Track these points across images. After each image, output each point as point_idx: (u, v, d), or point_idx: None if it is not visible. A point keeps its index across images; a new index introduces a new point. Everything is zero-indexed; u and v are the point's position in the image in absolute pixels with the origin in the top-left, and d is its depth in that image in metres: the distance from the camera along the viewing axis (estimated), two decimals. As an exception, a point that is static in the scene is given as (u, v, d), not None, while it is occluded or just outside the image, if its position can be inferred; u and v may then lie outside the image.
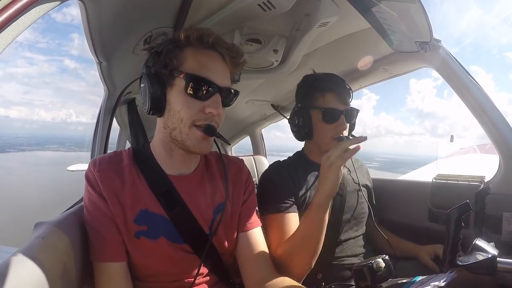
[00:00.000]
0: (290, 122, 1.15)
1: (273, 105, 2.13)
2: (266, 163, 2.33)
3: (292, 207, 1.01)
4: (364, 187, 1.17)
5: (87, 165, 0.76)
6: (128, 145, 1.73)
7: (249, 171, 0.91)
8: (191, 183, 0.79)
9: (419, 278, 0.80)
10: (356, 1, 0.93)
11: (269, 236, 0.93)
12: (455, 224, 0.70)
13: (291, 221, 0.98)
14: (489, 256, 0.70)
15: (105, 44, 1.00)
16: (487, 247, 0.72)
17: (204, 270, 0.79)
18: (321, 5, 1.04)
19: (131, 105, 1.42)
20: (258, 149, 2.64)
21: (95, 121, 1.50)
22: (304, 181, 1.07)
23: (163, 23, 1.02)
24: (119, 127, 1.79)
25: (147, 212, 0.73)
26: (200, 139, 0.72)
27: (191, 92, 0.70)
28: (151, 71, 0.72)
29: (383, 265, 0.66)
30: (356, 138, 0.88)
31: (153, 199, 0.74)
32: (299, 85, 1.16)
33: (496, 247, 0.74)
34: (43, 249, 0.61)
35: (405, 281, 0.77)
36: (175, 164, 0.78)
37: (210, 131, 0.72)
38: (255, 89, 1.90)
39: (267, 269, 0.81)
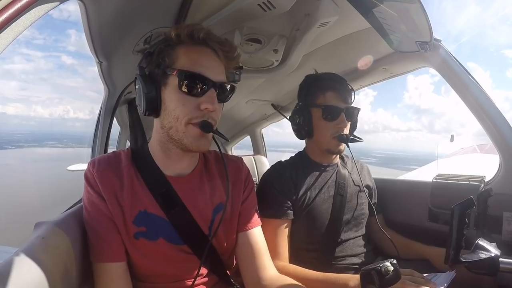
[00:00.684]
0: (291, 121, 1.16)
1: (273, 105, 2.13)
2: (266, 163, 2.33)
3: (288, 213, 1.02)
4: (366, 187, 1.17)
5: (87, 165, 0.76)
6: (128, 145, 1.73)
7: (248, 170, 0.91)
8: (189, 184, 0.79)
9: None
10: (356, 1, 0.93)
11: None
12: (459, 219, 0.70)
13: (281, 228, 1.01)
14: (492, 255, 0.70)
15: (105, 44, 1.00)
16: (489, 247, 0.72)
17: (203, 270, 0.79)
18: (321, 5, 1.04)
19: (132, 105, 1.42)
20: (258, 149, 2.64)
21: (95, 121, 1.50)
22: (305, 182, 1.07)
23: (163, 23, 1.02)
24: (119, 127, 1.79)
25: (146, 213, 0.73)
26: (197, 137, 0.71)
27: (185, 89, 0.69)
28: (144, 72, 0.72)
29: (391, 268, 0.66)
30: None
31: (152, 200, 0.74)
32: (301, 84, 1.16)
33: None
34: (43, 249, 0.61)
35: None
36: (173, 164, 0.78)
37: (206, 127, 0.70)
38: (255, 89, 1.89)
39: (267, 268, 0.81)
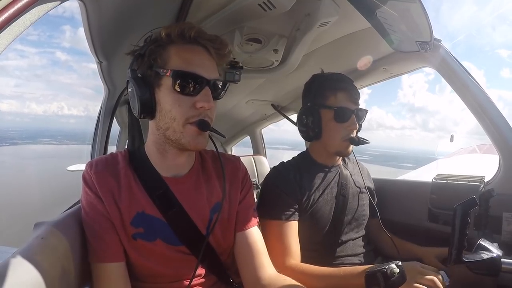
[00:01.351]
0: (298, 122, 1.14)
1: (273, 105, 2.13)
2: (266, 163, 2.33)
3: (294, 214, 1.01)
4: (366, 189, 1.17)
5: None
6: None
7: (246, 169, 0.90)
8: (186, 184, 0.78)
9: None
10: (356, 1, 0.93)
11: (268, 242, 0.93)
12: (461, 219, 0.70)
13: (292, 229, 0.99)
14: (494, 255, 0.70)
15: (105, 44, 1.00)
16: (491, 247, 0.72)
17: (202, 270, 0.79)
18: (321, 5, 1.04)
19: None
20: (258, 149, 2.64)
21: (95, 121, 1.50)
22: (308, 184, 1.06)
23: (163, 23, 1.02)
24: (119, 127, 1.79)
25: (144, 214, 0.73)
26: (195, 135, 0.71)
27: (180, 89, 0.68)
28: (136, 74, 0.71)
29: (397, 270, 0.65)
30: None
31: (149, 201, 0.74)
32: (307, 83, 1.14)
33: (496, 247, 0.74)
34: (42, 249, 0.61)
35: None
36: (169, 165, 0.78)
37: (203, 125, 0.70)
38: (255, 89, 1.90)
39: (266, 267, 0.81)
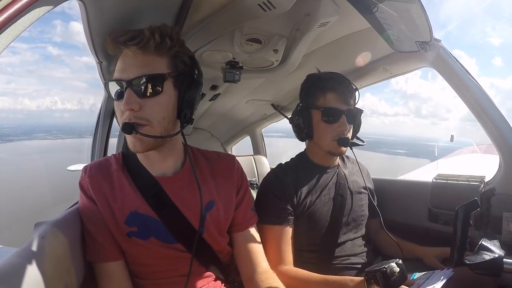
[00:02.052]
0: (291, 122, 1.14)
1: (273, 105, 2.13)
2: (266, 163, 2.33)
3: (288, 220, 1.01)
4: (365, 189, 1.16)
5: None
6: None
7: (242, 169, 0.91)
8: (179, 183, 0.80)
9: (417, 275, 0.80)
10: (356, 1, 0.93)
11: (264, 245, 0.92)
12: (463, 222, 0.70)
13: (285, 234, 1.00)
14: (496, 256, 0.70)
15: (105, 44, 1.00)
16: (493, 248, 0.72)
17: (201, 269, 0.80)
18: (321, 5, 1.03)
19: None
20: (258, 149, 2.64)
21: (95, 121, 1.50)
22: (306, 185, 1.06)
23: (163, 23, 1.02)
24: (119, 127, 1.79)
25: (137, 213, 0.75)
26: (131, 139, 0.72)
27: (114, 96, 0.73)
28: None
29: (397, 269, 0.65)
30: None
31: (143, 201, 0.76)
32: (302, 84, 1.14)
33: (496, 247, 0.74)
34: (43, 248, 0.61)
35: None
36: (154, 164, 0.80)
37: (125, 129, 0.69)
38: (255, 89, 1.89)
39: (261, 263, 0.83)
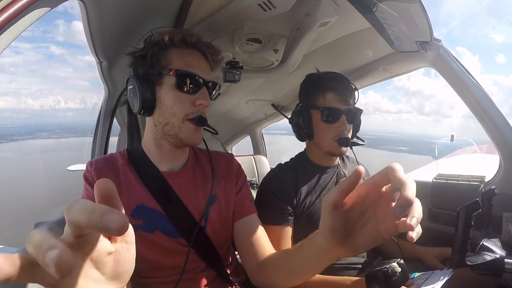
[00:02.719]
0: (290, 122, 1.14)
1: (273, 105, 2.13)
2: (266, 163, 2.33)
3: (287, 220, 1.01)
4: None
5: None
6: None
7: (239, 164, 0.94)
8: (184, 178, 0.82)
9: (417, 275, 0.80)
10: (356, 0, 0.93)
11: None
12: (465, 223, 0.69)
13: (284, 234, 0.99)
14: (497, 256, 0.69)
15: (105, 44, 1.00)
16: (494, 248, 0.72)
17: (201, 265, 0.81)
18: (321, 5, 1.03)
19: None
20: (258, 149, 2.64)
21: (95, 121, 1.50)
22: (305, 186, 1.06)
23: (163, 23, 1.02)
24: (119, 126, 1.79)
25: (144, 207, 0.76)
26: (192, 131, 0.77)
27: (181, 87, 0.75)
28: (138, 73, 0.77)
29: (398, 269, 0.63)
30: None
31: (149, 195, 0.77)
32: (301, 84, 1.14)
33: (496, 247, 0.74)
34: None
35: None
36: (166, 159, 0.82)
37: (201, 121, 0.77)
38: (255, 89, 1.90)
39: (266, 249, 0.81)
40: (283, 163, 1.15)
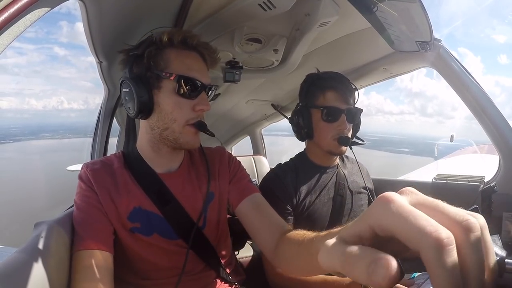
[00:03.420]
0: (290, 122, 1.14)
1: (273, 105, 2.13)
2: (266, 163, 2.33)
3: (289, 219, 1.01)
4: (365, 189, 1.16)
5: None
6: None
7: (230, 154, 0.94)
8: (180, 179, 0.82)
9: (417, 274, 0.80)
10: (356, 0, 0.93)
11: None
12: None
13: None
14: (498, 258, 0.69)
15: (105, 44, 1.00)
16: (495, 248, 0.72)
17: (200, 265, 0.81)
18: (321, 5, 1.03)
19: None
20: (258, 149, 2.64)
21: (95, 121, 1.50)
22: (305, 186, 1.06)
23: (164, 23, 1.02)
24: (119, 126, 1.79)
25: (141, 209, 0.75)
26: (192, 136, 0.76)
27: (182, 92, 0.73)
28: (134, 75, 0.73)
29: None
30: None
31: (146, 197, 0.76)
32: (301, 84, 1.14)
33: (496, 247, 0.75)
34: (43, 248, 0.61)
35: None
36: (163, 161, 0.81)
37: (201, 126, 0.76)
38: (255, 89, 1.89)
39: (280, 229, 0.75)
40: (283, 163, 1.15)
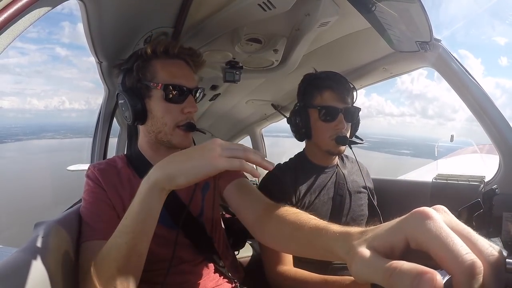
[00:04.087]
0: (289, 122, 1.14)
1: (273, 105, 2.13)
2: (266, 163, 2.33)
3: None
4: (364, 188, 1.16)
5: (87, 165, 0.84)
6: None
7: None
8: None
9: None
10: (356, 1, 0.93)
11: (260, 247, 0.93)
12: (466, 223, 0.70)
13: None
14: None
15: (105, 44, 1.00)
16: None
17: (200, 258, 0.85)
18: (321, 5, 1.03)
19: None
20: (258, 149, 2.64)
21: (95, 120, 1.50)
22: (304, 186, 1.06)
23: (163, 23, 1.02)
24: (119, 127, 1.79)
25: None
26: (183, 137, 0.84)
27: (169, 99, 0.81)
28: (127, 87, 0.83)
29: None
30: None
31: None
32: (299, 84, 1.14)
33: (496, 247, 0.75)
34: (43, 248, 0.61)
35: None
36: (162, 159, 0.84)
37: (190, 127, 0.84)
38: (255, 89, 1.89)
39: (264, 204, 0.77)
40: (282, 163, 1.15)
